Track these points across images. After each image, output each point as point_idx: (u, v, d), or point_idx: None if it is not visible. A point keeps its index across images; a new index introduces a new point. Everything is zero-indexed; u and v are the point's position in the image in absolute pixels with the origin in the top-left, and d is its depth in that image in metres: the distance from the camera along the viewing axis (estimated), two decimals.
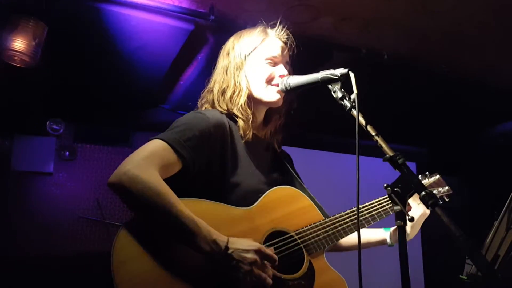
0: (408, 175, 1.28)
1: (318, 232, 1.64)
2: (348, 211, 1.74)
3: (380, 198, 1.83)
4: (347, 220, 1.71)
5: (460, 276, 1.87)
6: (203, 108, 1.72)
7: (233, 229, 1.47)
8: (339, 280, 1.63)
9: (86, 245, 4.42)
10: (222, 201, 1.50)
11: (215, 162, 1.55)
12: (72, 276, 3.98)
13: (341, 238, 1.69)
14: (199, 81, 1.85)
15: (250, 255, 1.38)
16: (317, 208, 1.73)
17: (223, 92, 1.68)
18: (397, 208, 1.28)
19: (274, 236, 1.57)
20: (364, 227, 1.80)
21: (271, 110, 1.78)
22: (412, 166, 5.06)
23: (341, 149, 5.41)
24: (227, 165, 1.56)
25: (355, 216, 1.71)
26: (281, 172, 1.83)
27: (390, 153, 1.32)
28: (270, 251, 1.45)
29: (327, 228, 1.66)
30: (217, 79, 1.72)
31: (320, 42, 3.27)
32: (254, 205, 1.57)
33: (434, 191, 1.97)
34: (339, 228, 1.68)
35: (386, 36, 3.32)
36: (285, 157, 1.92)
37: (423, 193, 1.23)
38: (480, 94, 4.28)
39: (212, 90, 1.72)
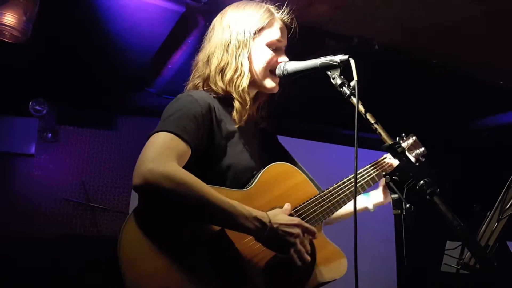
0: (407, 164, 1.28)
1: (315, 208, 1.64)
2: (340, 182, 1.74)
3: (367, 166, 1.86)
4: (340, 192, 1.72)
5: (451, 265, 1.89)
6: (195, 79, 1.68)
7: None
8: (338, 254, 1.68)
9: (69, 228, 4.34)
10: (217, 183, 1.48)
11: (208, 145, 1.53)
12: (56, 259, 3.92)
13: (336, 210, 1.70)
14: (188, 66, 1.78)
15: (294, 230, 1.40)
16: (311, 182, 1.73)
17: (221, 71, 1.62)
18: (394, 196, 1.29)
19: None
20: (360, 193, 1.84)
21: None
22: None
23: (321, 139, 5.42)
24: (217, 146, 1.55)
25: (347, 187, 1.73)
26: (272, 148, 1.83)
27: (389, 141, 1.32)
28: (308, 224, 1.48)
29: (323, 203, 1.66)
30: (215, 53, 1.63)
31: (313, 29, 3.24)
32: (251, 185, 1.55)
33: (413, 153, 2.04)
34: (333, 201, 1.69)
35: (378, 26, 3.31)
36: (271, 132, 1.91)
37: (422, 182, 1.23)
38: (465, 88, 4.32)
39: (208, 65, 1.64)
